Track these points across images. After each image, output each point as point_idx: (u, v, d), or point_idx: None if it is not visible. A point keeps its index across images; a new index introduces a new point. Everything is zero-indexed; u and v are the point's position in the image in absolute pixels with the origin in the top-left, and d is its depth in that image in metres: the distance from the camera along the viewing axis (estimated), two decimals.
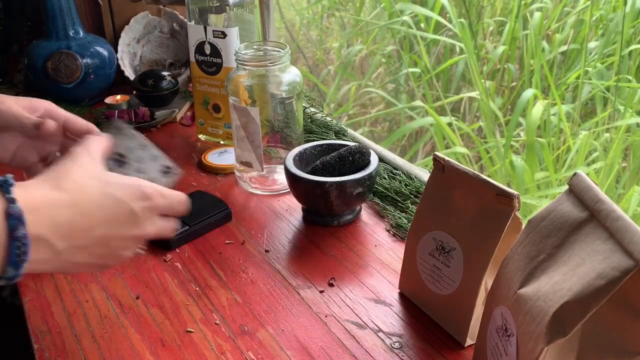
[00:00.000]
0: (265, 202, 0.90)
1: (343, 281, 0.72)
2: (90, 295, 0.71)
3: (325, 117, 1.12)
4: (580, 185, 0.47)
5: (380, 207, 0.87)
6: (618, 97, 1.77)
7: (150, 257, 0.77)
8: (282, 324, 0.66)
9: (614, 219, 0.42)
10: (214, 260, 0.77)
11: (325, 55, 2.68)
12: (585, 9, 1.91)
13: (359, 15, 2.53)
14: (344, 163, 0.82)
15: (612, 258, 0.41)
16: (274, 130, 0.90)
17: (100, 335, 0.65)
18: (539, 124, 1.75)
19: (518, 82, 2.08)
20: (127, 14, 1.32)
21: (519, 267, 0.49)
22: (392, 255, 0.77)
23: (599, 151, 1.68)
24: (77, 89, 1.20)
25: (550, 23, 2.09)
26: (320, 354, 0.61)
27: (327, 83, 2.52)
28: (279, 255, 0.77)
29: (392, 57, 2.37)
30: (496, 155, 1.78)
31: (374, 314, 0.67)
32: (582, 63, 1.81)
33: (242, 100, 0.87)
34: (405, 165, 0.95)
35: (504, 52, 2.09)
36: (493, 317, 0.52)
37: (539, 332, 0.44)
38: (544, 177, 1.72)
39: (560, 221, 0.47)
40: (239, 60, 0.86)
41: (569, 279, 0.43)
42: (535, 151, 1.71)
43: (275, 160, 0.92)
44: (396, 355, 0.61)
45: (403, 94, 2.20)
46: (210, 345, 0.63)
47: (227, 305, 0.69)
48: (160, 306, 0.69)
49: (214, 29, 0.97)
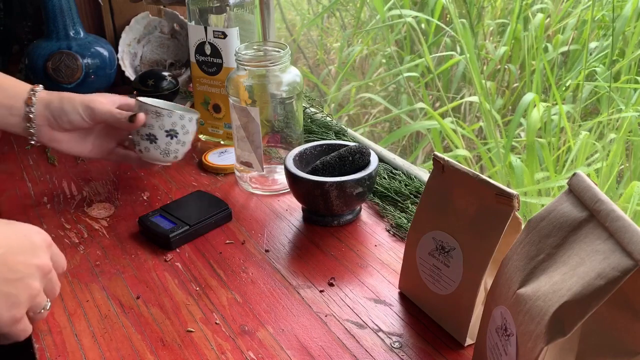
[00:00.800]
0: (265, 202, 0.90)
1: (343, 281, 0.72)
2: (90, 295, 0.71)
3: (326, 117, 1.12)
4: (579, 185, 0.47)
5: (380, 207, 0.87)
6: (620, 96, 1.77)
7: (151, 257, 0.78)
8: (282, 323, 0.66)
9: (614, 218, 0.42)
10: (214, 260, 0.77)
11: (325, 55, 2.68)
12: (586, 9, 1.91)
13: (359, 16, 2.53)
14: (344, 163, 0.82)
15: (612, 258, 0.41)
16: (274, 130, 0.90)
17: (101, 335, 0.65)
18: (539, 125, 1.75)
19: (519, 83, 2.08)
20: (128, 14, 1.32)
21: (518, 266, 0.49)
22: (392, 255, 0.77)
23: (599, 151, 1.68)
24: (78, 89, 1.20)
25: (553, 24, 2.09)
26: (320, 354, 0.61)
27: (328, 83, 2.52)
28: (279, 255, 0.78)
29: (392, 58, 2.37)
30: (495, 157, 1.78)
31: (374, 313, 0.67)
32: (584, 63, 1.81)
33: (242, 101, 0.87)
34: (405, 165, 0.95)
35: (505, 52, 2.09)
36: (493, 317, 0.52)
37: (538, 332, 0.44)
38: (543, 177, 1.72)
39: (560, 221, 0.47)
40: (239, 61, 0.86)
41: (568, 278, 0.43)
42: (536, 153, 1.71)
43: (275, 160, 0.92)
44: (396, 355, 0.61)
45: (404, 94, 2.20)
46: (211, 345, 0.63)
47: (228, 305, 0.69)
48: (160, 306, 0.69)
49: (214, 29, 0.97)
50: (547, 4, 2.12)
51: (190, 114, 0.87)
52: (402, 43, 2.37)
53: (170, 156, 0.87)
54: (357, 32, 2.54)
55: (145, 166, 0.93)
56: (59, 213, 0.88)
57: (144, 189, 0.94)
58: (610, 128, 1.70)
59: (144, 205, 0.90)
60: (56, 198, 0.92)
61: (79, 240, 0.81)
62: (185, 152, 0.89)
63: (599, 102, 1.88)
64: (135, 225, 0.84)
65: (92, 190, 0.94)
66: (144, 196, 0.92)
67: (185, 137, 0.87)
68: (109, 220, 0.86)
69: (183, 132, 0.86)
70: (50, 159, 1.04)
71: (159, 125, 0.84)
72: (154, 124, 0.84)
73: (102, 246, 0.80)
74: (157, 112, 0.84)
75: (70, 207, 0.90)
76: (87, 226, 0.85)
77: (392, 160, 0.97)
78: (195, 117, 0.88)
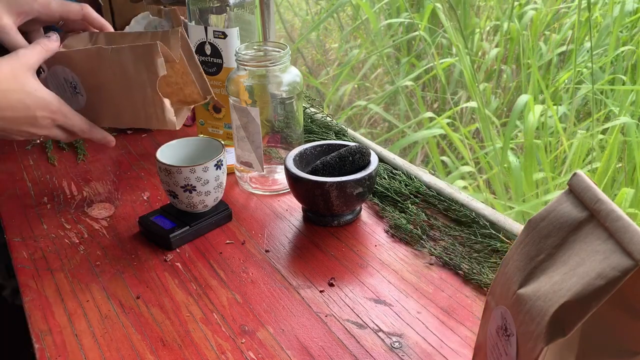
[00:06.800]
0: (265, 202, 0.90)
1: (343, 281, 0.72)
2: (90, 295, 0.71)
3: (326, 117, 1.12)
4: (579, 185, 0.47)
5: (380, 207, 0.87)
6: (612, 98, 1.77)
7: (151, 257, 0.78)
8: (282, 323, 0.66)
9: (614, 219, 0.43)
10: (214, 260, 0.77)
11: (324, 56, 2.69)
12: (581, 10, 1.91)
13: (356, 17, 2.53)
14: (344, 163, 0.82)
15: (612, 258, 0.41)
16: (274, 130, 0.90)
17: (101, 335, 0.65)
18: (537, 126, 1.76)
19: (514, 83, 2.09)
20: (128, 14, 1.32)
21: (518, 267, 0.50)
22: (392, 255, 0.77)
23: (596, 152, 1.68)
24: None
25: (545, 23, 2.09)
26: (320, 354, 0.61)
27: (326, 84, 2.52)
28: (279, 255, 0.78)
29: (390, 58, 2.37)
30: (493, 160, 1.79)
31: (374, 313, 0.67)
32: (573, 64, 1.81)
33: (243, 101, 0.87)
34: (405, 165, 0.96)
35: (499, 53, 2.09)
36: (493, 317, 0.52)
37: (538, 332, 0.44)
38: (541, 178, 1.72)
39: (560, 221, 0.47)
40: (240, 61, 0.86)
41: (568, 279, 0.43)
42: (534, 155, 1.72)
43: (275, 160, 0.92)
44: (396, 355, 0.61)
45: (402, 95, 2.20)
46: (211, 345, 0.63)
47: (228, 305, 0.69)
48: (160, 306, 0.69)
49: (215, 29, 0.97)
50: (538, 5, 2.13)
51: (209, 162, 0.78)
52: (400, 45, 2.37)
53: (198, 207, 0.82)
54: (355, 32, 2.54)
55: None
56: (59, 213, 0.88)
57: (144, 189, 0.94)
58: (598, 130, 1.70)
59: (144, 205, 0.90)
60: (56, 198, 0.92)
61: (79, 240, 0.82)
62: (219, 197, 0.83)
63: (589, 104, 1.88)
64: (135, 225, 0.84)
65: (92, 190, 0.94)
66: (144, 196, 0.92)
67: (205, 188, 0.80)
68: (109, 220, 0.86)
69: (201, 183, 0.79)
70: (50, 159, 1.04)
71: (173, 182, 0.79)
72: (168, 181, 0.79)
73: (102, 246, 0.80)
74: (167, 170, 0.78)
75: (70, 207, 0.90)
76: (87, 226, 0.85)
77: (392, 160, 0.97)
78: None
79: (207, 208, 0.83)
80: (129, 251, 0.79)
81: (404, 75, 2.21)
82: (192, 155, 0.85)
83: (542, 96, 1.91)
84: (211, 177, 0.80)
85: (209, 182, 0.80)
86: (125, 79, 0.77)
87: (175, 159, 0.83)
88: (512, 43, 2.09)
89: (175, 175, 0.78)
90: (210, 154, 0.83)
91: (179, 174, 0.78)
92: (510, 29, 2.07)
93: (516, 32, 2.03)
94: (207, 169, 0.79)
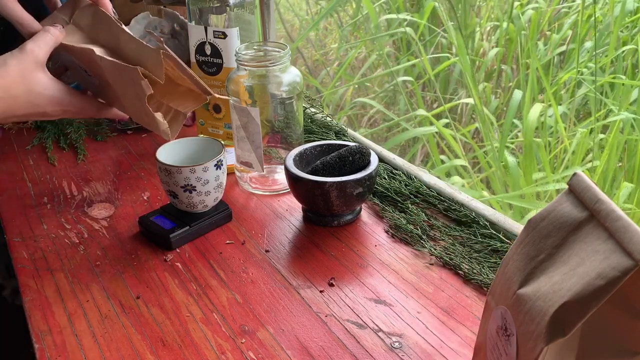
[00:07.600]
0: (265, 202, 0.90)
1: (343, 281, 0.72)
2: (90, 295, 0.71)
3: (326, 117, 1.12)
4: (579, 185, 0.47)
5: (380, 207, 0.87)
6: (612, 98, 1.77)
7: (151, 257, 0.78)
8: (282, 323, 0.66)
9: (614, 219, 0.43)
10: (214, 260, 0.77)
11: (324, 56, 2.69)
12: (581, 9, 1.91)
13: (356, 16, 2.53)
14: (344, 163, 0.82)
15: (612, 258, 0.41)
16: (274, 130, 0.90)
17: (101, 335, 0.65)
18: (536, 126, 1.76)
19: (514, 83, 2.09)
20: (128, 14, 1.32)
21: (518, 267, 0.50)
22: (392, 255, 0.77)
23: (595, 151, 1.68)
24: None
25: (545, 23, 2.09)
26: (320, 354, 0.61)
27: (326, 84, 2.52)
28: (279, 255, 0.78)
29: (390, 57, 2.37)
30: (492, 160, 1.79)
31: (374, 314, 0.67)
32: (576, 63, 1.81)
33: (243, 101, 0.87)
34: (405, 165, 0.96)
35: (499, 53, 2.09)
36: (493, 317, 0.52)
37: (538, 332, 0.44)
38: (541, 177, 1.72)
39: (560, 221, 0.47)
40: (240, 61, 0.86)
41: (568, 279, 0.43)
42: (533, 153, 1.72)
43: (275, 160, 0.92)
44: (396, 355, 0.61)
45: (401, 95, 2.20)
46: (211, 345, 0.63)
47: (228, 305, 0.69)
48: (160, 306, 0.69)
49: (215, 29, 0.97)
50: (539, 4, 2.13)
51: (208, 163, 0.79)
52: (399, 43, 2.37)
53: (198, 207, 0.82)
54: (354, 31, 2.54)
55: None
56: (59, 213, 0.88)
57: (144, 189, 0.94)
58: (597, 130, 1.70)
59: (144, 205, 0.90)
60: (56, 198, 0.92)
61: (79, 240, 0.82)
62: (219, 197, 0.84)
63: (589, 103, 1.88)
64: (135, 225, 0.84)
65: (92, 190, 0.94)
66: (144, 196, 0.92)
67: (205, 188, 0.80)
68: (109, 220, 0.86)
69: (201, 183, 0.79)
70: (50, 159, 1.04)
71: (173, 182, 0.79)
72: (168, 181, 0.80)
73: (102, 246, 0.80)
74: (167, 170, 0.79)
75: (70, 207, 0.90)
76: (87, 226, 0.85)
77: (392, 160, 0.97)
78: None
79: (207, 208, 0.83)
80: (129, 251, 0.79)
81: (403, 74, 2.21)
82: (192, 155, 0.85)
83: (541, 96, 1.91)
84: (211, 177, 0.80)
85: (209, 182, 0.80)
86: (122, 86, 0.76)
87: (175, 159, 0.83)
88: (511, 43, 2.09)
89: (175, 175, 0.78)
90: (210, 154, 0.83)
91: (179, 174, 0.78)
92: (509, 29, 2.07)
93: (515, 32, 2.03)
94: (207, 169, 0.79)
